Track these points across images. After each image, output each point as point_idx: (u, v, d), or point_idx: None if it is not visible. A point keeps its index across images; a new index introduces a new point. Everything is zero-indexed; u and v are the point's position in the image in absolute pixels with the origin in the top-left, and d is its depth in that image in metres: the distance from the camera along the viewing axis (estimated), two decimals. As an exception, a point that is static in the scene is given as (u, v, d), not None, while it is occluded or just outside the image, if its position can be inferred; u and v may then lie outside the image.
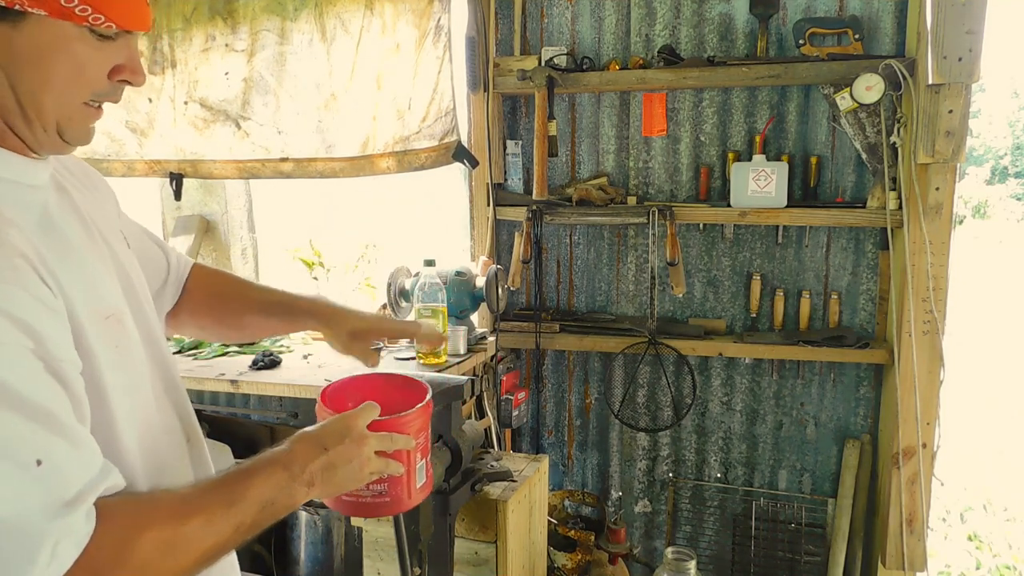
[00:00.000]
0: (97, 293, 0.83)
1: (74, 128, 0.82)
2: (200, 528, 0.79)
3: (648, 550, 2.83)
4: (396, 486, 1.02)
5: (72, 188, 0.91)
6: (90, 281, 0.82)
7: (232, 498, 0.82)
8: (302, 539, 2.51)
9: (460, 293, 2.36)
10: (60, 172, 0.91)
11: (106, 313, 0.83)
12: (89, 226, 0.89)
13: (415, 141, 2.31)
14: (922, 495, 2.29)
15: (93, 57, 0.78)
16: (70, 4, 0.73)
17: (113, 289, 0.88)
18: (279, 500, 0.86)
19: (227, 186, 2.94)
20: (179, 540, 0.77)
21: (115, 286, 0.88)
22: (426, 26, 2.25)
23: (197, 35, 2.56)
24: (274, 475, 0.86)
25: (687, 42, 2.53)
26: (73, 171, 0.96)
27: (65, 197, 0.88)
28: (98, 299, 0.83)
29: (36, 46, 0.75)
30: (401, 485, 1.02)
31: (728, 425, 2.70)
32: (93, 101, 0.82)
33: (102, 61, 0.80)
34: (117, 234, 0.97)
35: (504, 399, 2.62)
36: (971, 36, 1.99)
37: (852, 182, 2.47)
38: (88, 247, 0.86)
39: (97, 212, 0.93)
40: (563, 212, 2.58)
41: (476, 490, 1.84)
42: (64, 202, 0.87)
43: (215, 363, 2.32)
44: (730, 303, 2.64)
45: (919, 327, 2.24)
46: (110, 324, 0.84)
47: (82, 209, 0.90)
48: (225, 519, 0.81)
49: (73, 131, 0.82)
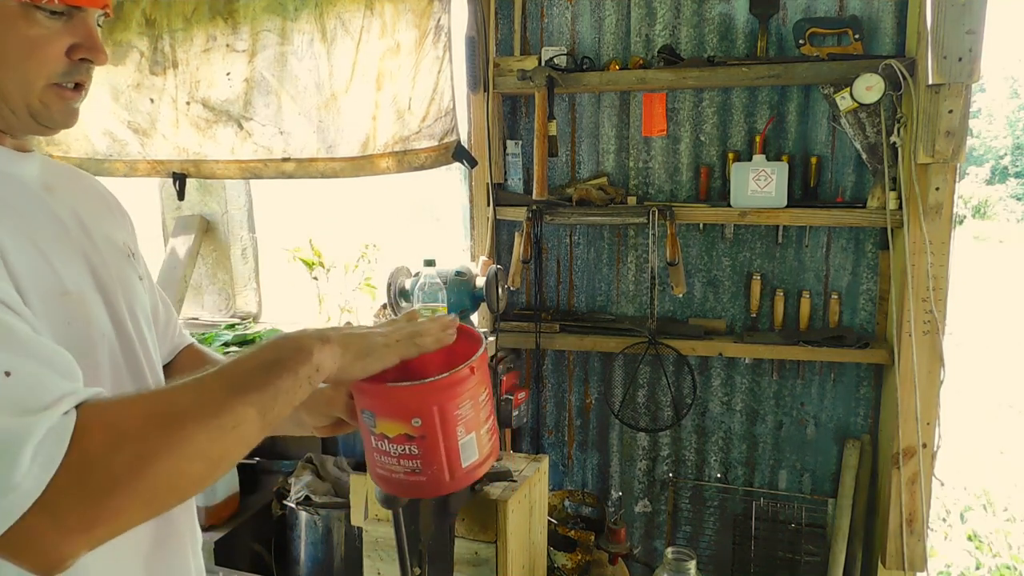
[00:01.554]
0: (52, 269, 0.79)
1: (51, 111, 0.82)
2: (194, 397, 0.69)
3: (648, 550, 2.83)
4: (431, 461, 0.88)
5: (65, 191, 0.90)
6: (45, 258, 0.79)
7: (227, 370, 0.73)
8: (302, 539, 2.51)
9: (460, 293, 2.36)
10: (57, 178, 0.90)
11: (61, 291, 0.80)
12: (67, 218, 0.87)
13: (415, 141, 2.31)
14: (922, 495, 2.29)
15: (44, 36, 0.78)
16: None
17: (76, 272, 0.84)
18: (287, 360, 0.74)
19: (227, 186, 2.94)
20: (174, 411, 0.67)
21: (81, 270, 0.85)
22: (426, 26, 2.25)
23: (198, 35, 2.56)
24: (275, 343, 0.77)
25: (687, 42, 2.53)
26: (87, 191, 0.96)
27: (52, 194, 0.87)
28: (52, 275, 0.79)
29: None
30: (438, 461, 0.88)
31: (728, 425, 2.70)
32: (64, 82, 0.82)
33: (56, 40, 0.79)
34: (115, 245, 0.94)
35: (504, 399, 2.62)
36: (971, 36, 1.99)
37: (852, 182, 2.47)
38: (52, 229, 0.84)
39: (91, 216, 0.92)
40: (563, 212, 2.58)
41: (476, 490, 1.84)
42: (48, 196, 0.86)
43: (215, 363, 2.33)
44: (730, 303, 2.64)
45: (919, 327, 2.24)
46: (65, 301, 0.80)
47: (74, 208, 0.88)
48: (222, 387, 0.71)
49: (49, 114, 0.82)
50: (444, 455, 0.88)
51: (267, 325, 2.81)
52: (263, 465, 2.76)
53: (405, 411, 0.87)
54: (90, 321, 0.84)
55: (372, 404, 0.88)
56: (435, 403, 0.87)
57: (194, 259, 2.95)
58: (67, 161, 2.87)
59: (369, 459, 0.94)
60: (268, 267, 3.03)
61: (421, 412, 0.87)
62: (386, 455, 0.90)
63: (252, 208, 2.99)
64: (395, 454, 0.89)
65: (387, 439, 0.89)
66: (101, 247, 0.91)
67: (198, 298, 3.05)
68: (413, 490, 0.91)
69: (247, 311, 3.01)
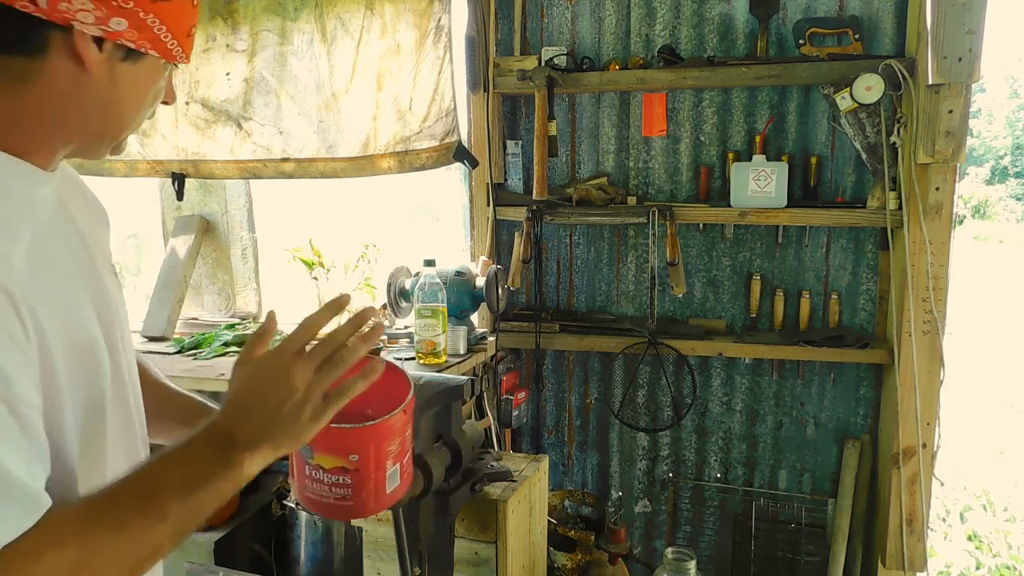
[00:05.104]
0: (69, 320, 0.79)
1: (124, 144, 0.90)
2: (110, 538, 0.69)
3: (648, 550, 2.83)
4: (361, 489, 0.96)
5: (72, 204, 0.90)
6: (71, 309, 0.79)
7: (148, 491, 0.72)
8: (302, 539, 2.51)
9: (460, 293, 2.36)
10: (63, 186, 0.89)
11: (77, 343, 0.79)
12: (79, 248, 0.86)
13: (416, 141, 2.31)
14: (922, 495, 2.29)
15: (162, 86, 0.88)
16: (173, 48, 0.82)
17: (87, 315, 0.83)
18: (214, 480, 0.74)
19: (227, 186, 2.94)
20: (86, 557, 0.67)
21: (89, 311, 0.83)
22: (426, 26, 2.25)
23: (198, 35, 2.56)
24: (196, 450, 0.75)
25: (687, 42, 2.53)
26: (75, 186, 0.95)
27: (64, 213, 0.86)
28: (70, 327, 0.78)
29: (142, 79, 0.83)
30: (367, 489, 0.96)
31: (728, 425, 2.70)
32: None
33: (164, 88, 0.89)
34: (106, 261, 0.94)
35: (504, 399, 2.62)
36: (971, 36, 1.99)
37: (852, 182, 2.47)
38: (74, 271, 0.83)
39: (91, 233, 0.91)
40: (563, 212, 2.58)
41: (476, 490, 1.84)
42: (61, 218, 0.85)
43: (215, 363, 2.33)
44: (730, 303, 2.64)
45: (919, 327, 2.24)
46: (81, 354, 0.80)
47: (79, 227, 0.88)
48: (141, 519, 0.70)
49: (122, 146, 0.89)
50: (374, 484, 0.98)
51: (267, 325, 2.81)
52: (263, 465, 2.76)
53: (344, 448, 0.96)
54: (98, 367, 0.83)
55: (312, 441, 0.89)
56: (372, 442, 0.96)
57: (194, 259, 2.94)
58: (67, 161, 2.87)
59: (299, 483, 1.01)
60: (268, 267, 3.03)
61: (359, 450, 0.96)
62: (319, 483, 0.98)
63: (252, 208, 2.98)
64: (328, 482, 0.97)
65: (323, 470, 0.97)
66: (102, 272, 0.90)
67: (198, 298, 3.05)
68: (340, 513, 1.00)
69: (247, 311, 3.01)
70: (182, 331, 2.79)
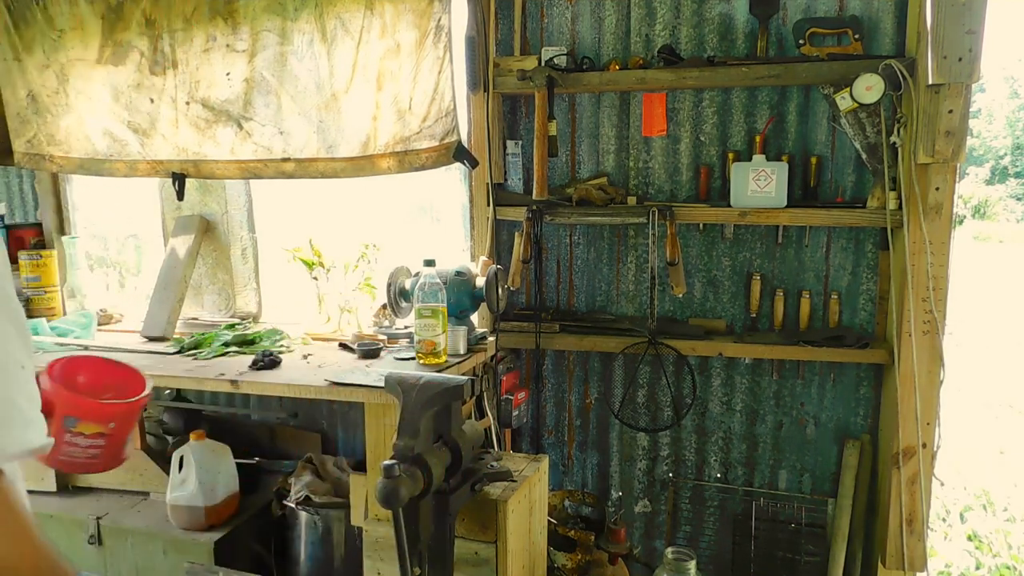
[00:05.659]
0: None
1: None
2: None
3: (648, 550, 2.83)
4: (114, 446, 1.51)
5: None
6: None
7: None
8: (302, 539, 2.51)
9: (460, 293, 2.36)
10: None
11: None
12: None
13: (416, 141, 2.31)
14: (922, 495, 2.29)
15: None
16: None
17: None
18: None
19: (227, 186, 2.94)
20: None
21: None
22: (426, 26, 2.25)
23: (198, 35, 2.56)
24: None
25: (687, 42, 2.53)
26: None
27: None
28: None
29: None
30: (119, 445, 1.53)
31: (728, 425, 2.70)
32: None
33: None
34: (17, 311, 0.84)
35: (504, 399, 2.62)
36: (971, 36, 1.99)
37: (852, 182, 2.47)
38: None
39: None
40: (563, 212, 2.58)
41: (476, 490, 1.84)
42: None
43: (215, 363, 2.32)
44: (730, 303, 2.65)
45: (919, 327, 2.24)
46: None
47: None
48: None
49: None
50: (120, 445, 1.57)
51: (267, 325, 2.81)
52: (263, 465, 2.76)
53: (107, 418, 1.52)
54: None
55: (79, 414, 1.48)
56: (129, 412, 1.59)
57: (194, 259, 2.95)
58: (68, 161, 2.88)
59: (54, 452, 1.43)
60: (268, 267, 3.03)
61: (116, 418, 1.55)
62: (75, 447, 1.47)
63: (252, 208, 2.99)
64: (84, 445, 1.48)
65: (84, 435, 1.47)
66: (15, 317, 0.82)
67: (198, 298, 3.05)
68: (88, 468, 1.54)
69: (247, 311, 3.01)
70: (182, 331, 2.80)
